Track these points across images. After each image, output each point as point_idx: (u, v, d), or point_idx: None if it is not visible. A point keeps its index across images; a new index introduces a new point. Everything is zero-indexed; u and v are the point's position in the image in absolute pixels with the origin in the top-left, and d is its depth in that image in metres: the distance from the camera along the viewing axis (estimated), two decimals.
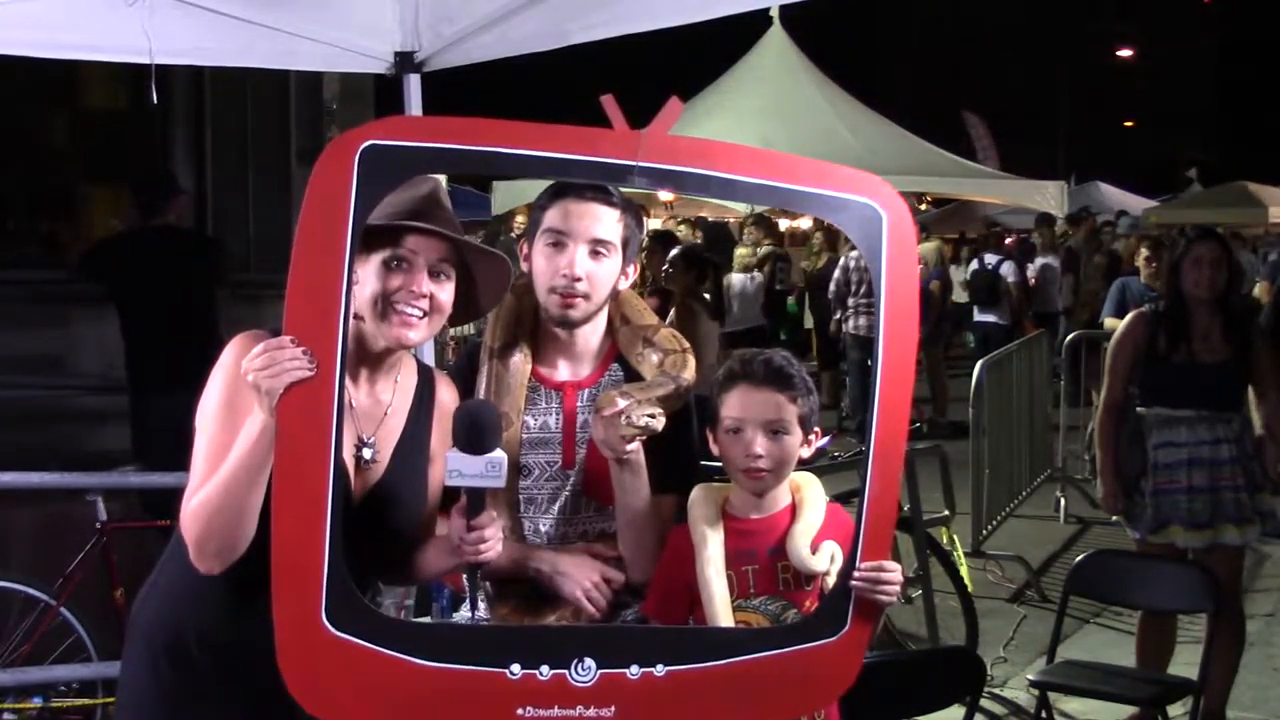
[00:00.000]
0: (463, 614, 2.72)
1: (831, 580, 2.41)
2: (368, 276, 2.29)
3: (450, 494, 2.35)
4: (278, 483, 2.07)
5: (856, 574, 2.26)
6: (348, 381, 2.33)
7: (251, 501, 2.14)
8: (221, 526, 2.15)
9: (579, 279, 2.52)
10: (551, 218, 2.55)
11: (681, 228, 16.02)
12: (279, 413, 2.06)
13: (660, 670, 2.15)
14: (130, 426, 6.05)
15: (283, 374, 2.05)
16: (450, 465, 2.17)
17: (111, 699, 4.47)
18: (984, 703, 4.84)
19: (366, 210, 2.10)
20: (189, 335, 5.82)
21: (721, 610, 2.40)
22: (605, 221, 2.54)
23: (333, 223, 2.07)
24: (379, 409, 2.38)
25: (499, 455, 2.18)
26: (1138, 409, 4.82)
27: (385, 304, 2.29)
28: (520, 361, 2.59)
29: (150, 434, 5.92)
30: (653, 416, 2.37)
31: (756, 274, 12.25)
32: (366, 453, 2.35)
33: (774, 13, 13.28)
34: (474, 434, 2.18)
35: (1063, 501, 8.31)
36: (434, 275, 2.32)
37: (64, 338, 6.48)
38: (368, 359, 2.36)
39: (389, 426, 2.39)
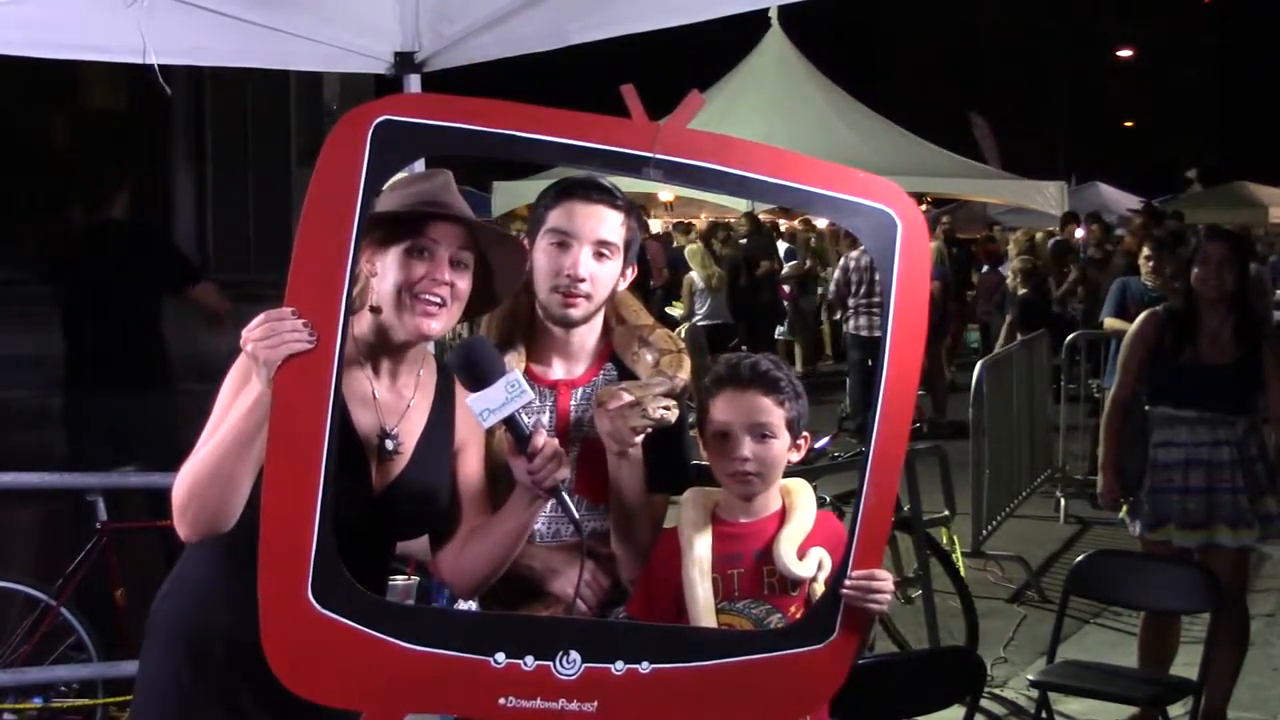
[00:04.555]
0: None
1: (818, 587, 2.41)
2: (388, 267, 2.29)
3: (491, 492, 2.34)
4: (271, 456, 2.06)
5: (848, 582, 2.25)
6: (370, 374, 2.35)
7: (239, 472, 2.13)
8: (203, 493, 2.15)
9: (582, 279, 2.52)
10: (556, 217, 2.55)
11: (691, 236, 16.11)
12: (276, 385, 2.05)
13: (645, 667, 2.15)
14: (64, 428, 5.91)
15: (281, 345, 2.04)
16: (476, 409, 2.17)
17: (111, 699, 4.48)
18: (984, 703, 4.84)
19: (376, 186, 2.10)
20: (125, 334, 5.76)
21: (704, 612, 2.40)
22: (610, 223, 2.54)
23: (341, 197, 2.06)
24: (401, 402, 2.38)
25: (513, 374, 2.19)
26: (1145, 407, 4.83)
27: (407, 293, 2.28)
28: (514, 359, 2.59)
29: (80, 437, 5.77)
30: (667, 409, 2.39)
31: (718, 270, 12.36)
32: (389, 444, 2.34)
33: (773, 14, 13.31)
34: (477, 366, 2.19)
35: (1063, 502, 8.31)
36: (454, 265, 2.31)
37: (64, 338, 6.47)
38: (389, 352, 2.37)
39: (412, 420, 2.38)
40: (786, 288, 14.90)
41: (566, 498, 2.25)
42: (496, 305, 2.53)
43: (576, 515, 2.28)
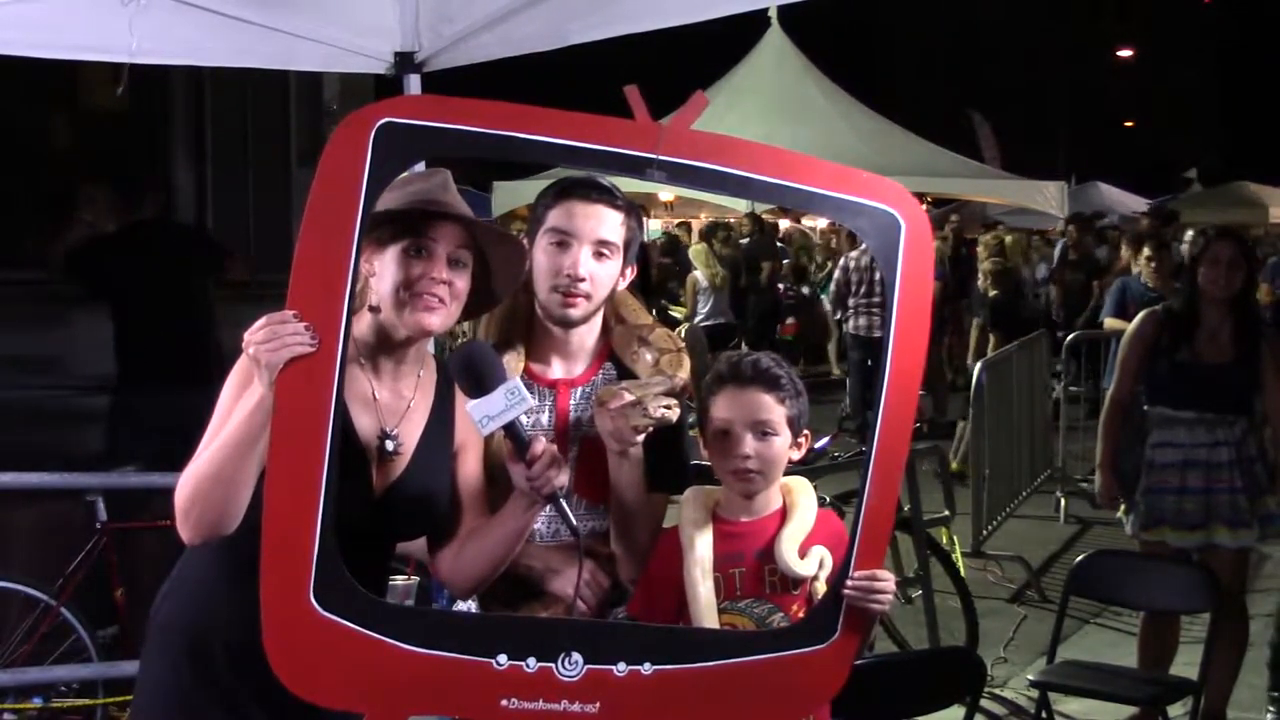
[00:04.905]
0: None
1: (820, 585, 2.41)
2: (386, 267, 2.30)
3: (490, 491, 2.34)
4: (273, 458, 2.06)
5: (849, 582, 2.25)
6: (370, 375, 2.35)
7: (242, 475, 2.13)
8: (206, 495, 2.15)
9: (582, 279, 2.52)
10: (556, 217, 2.55)
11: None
12: (277, 388, 2.05)
13: (647, 669, 2.15)
14: (111, 425, 5.98)
15: (283, 348, 2.04)
16: (476, 416, 2.17)
17: (111, 699, 4.48)
18: (984, 703, 4.84)
19: (378, 188, 2.10)
20: (178, 332, 5.83)
21: (706, 612, 2.40)
22: (610, 223, 2.55)
23: (343, 199, 2.06)
24: (401, 403, 2.38)
25: (513, 381, 2.19)
26: (1144, 407, 4.83)
27: (406, 292, 2.28)
28: (513, 359, 2.59)
29: (136, 434, 5.82)
30: (668, 408, 2.39)
31: (721, 271, 12.35)
32: (389, 445, 2.34)
33: (772, 13, 13.31)
34: (476, 373, 2.19)
35: (1063, 502, 8.31)
36: (452, 263, 2.31)
37: (64, 338, 6.48)
38: (390, 352, 2.36)
39: (412, 421, 2.38)
40: (781, 286, 14.89)
41: (564, 504, 2.25)
42: (496, 304, 2.53)
43: (574, 521, 2.28)
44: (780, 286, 14.87)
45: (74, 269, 6.08)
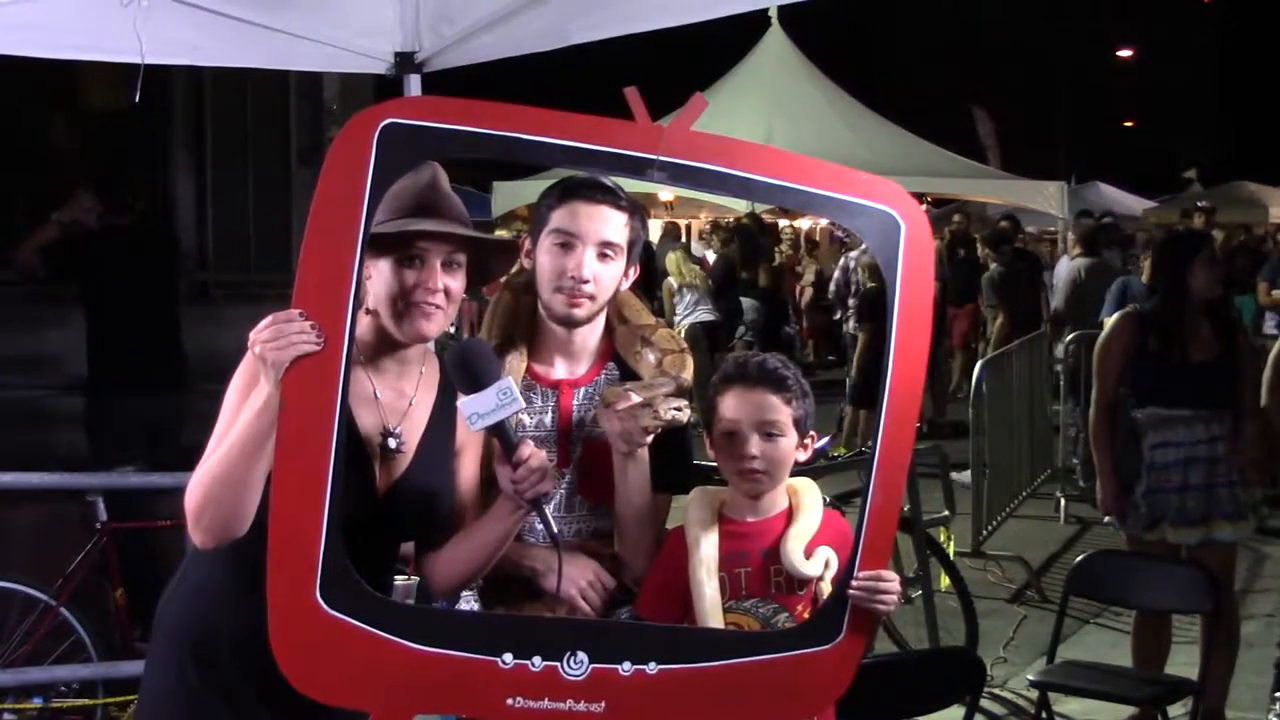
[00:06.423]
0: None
1: (825, 586, 2.41)
2: (380, 276, 2.30)
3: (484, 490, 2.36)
4: (279, 457, 2.07)
5: (854, 583, 2.25)
6: (371, 374, 2.36)
7: (252, 475, 2.13)
8: (217, 498, 2.15)
9: (586, 280, 2.52)
10: (560, 218, 2.55)
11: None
12: (284, 387, 2.06)
13: (653, 668, 2.15)
14: (113, 425, 5.97)
15: (289, 347, 2.05)
16: (466, 412, 2.17)
17: (111, 699, 4.48)
18: (984, 703, 4.84)
19: (382, 189, 2.11)
20: (151, 335, 5.82)
21: (711, 611, 2.40)
22: (614, 224, 2.55)
23: (348, 200, 2.07)
24: (403, 401, 2.39)
25: (505, 381, 2.19)
26: (1132, 411, 4.82)
27: (403, 302, 2.29)
28: (516, 359, 2.60)
29: (104, 438, 5.80)
30: (678, 410, 2.39)
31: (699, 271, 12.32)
32: (392, 443, 2.35)
33: (773, 13, 13.30)
34: (471, 369, 2.19)
35: (1063, 501, 8.31)
36: (446, 266, 2.32)
37: (64, 338, 6.48)
38: (391, 352, 2.37)
39: (414, 419, 2.39)
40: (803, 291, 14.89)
41: (547, 512, 2.26)
42: (491, 280, 2.54)
43: (555, 529, 2.30)
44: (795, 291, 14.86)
45: (59, 270, 6.05)
